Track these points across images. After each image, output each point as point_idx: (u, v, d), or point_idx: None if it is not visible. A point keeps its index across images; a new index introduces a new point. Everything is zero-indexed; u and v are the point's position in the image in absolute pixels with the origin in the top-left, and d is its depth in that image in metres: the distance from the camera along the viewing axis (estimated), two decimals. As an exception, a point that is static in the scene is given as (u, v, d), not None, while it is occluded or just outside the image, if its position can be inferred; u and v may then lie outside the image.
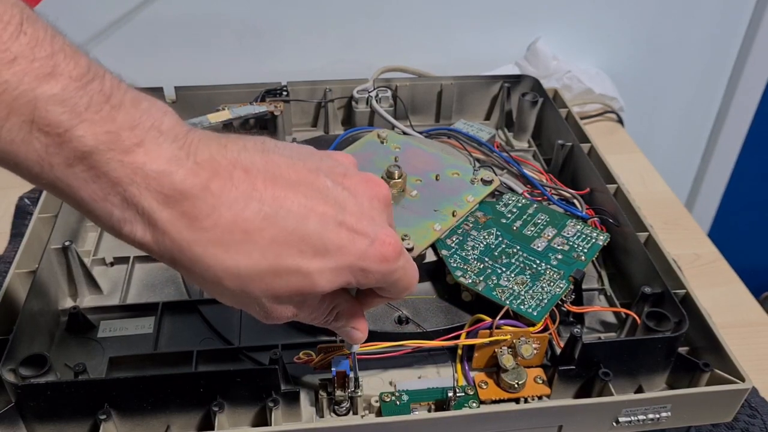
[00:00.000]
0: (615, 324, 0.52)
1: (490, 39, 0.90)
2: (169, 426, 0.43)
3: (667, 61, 0.98)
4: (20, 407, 0.41)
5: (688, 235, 0.71)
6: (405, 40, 0.88)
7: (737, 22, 0.97)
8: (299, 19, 0.85)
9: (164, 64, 0.85)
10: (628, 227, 0.54)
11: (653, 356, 0.46)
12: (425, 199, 0.56)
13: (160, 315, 0.51)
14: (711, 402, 0.44)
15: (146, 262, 0.56)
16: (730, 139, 1.08)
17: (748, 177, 1.14)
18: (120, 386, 0.41)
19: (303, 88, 0.72)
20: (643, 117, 1.01)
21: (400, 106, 0.73)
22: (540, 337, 0.46)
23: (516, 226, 0.55)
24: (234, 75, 0.86)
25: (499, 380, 0.45)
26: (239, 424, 0.44)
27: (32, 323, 0.46)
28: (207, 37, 0.85)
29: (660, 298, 0.49)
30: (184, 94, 0.70)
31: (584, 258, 0.52)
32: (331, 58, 0.89)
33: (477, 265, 0.51)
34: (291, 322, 0.34)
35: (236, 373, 0.42)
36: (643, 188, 0.77)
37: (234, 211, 0.29)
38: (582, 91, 0.87)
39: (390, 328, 0.49)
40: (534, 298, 0.48)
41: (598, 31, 0.93)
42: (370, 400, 0.45)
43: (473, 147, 0.68)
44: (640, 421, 0.44)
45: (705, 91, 1.03)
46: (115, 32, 0.82)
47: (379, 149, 0.62)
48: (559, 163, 0.66)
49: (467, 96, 0.76)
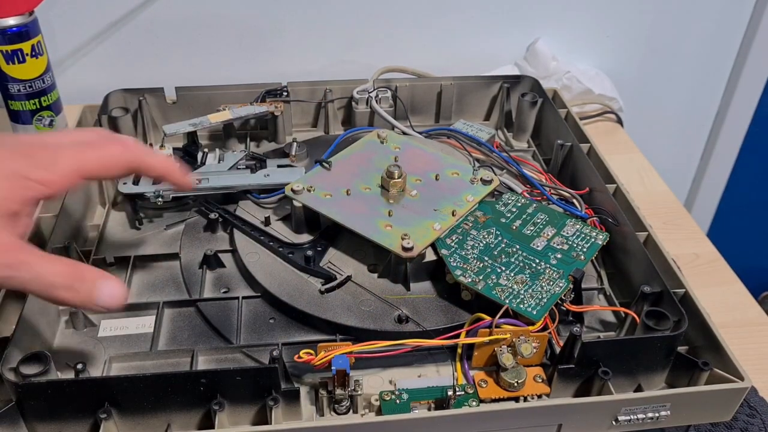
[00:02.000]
0: (614, 323, 0.52)
1: (490, 39, 0.90)
2: (170, 425, 0.43)
3: (667, 62, 0.98)
4: (21, 406, 0.42)
5: (687, 235, 0.71)
6: (405, 40, 0.89)
7: (736, 23, 0.97)
8: (299, 19, 0.85)
9: (164, 65, 0.85)
10: (627, 227, 0.54)
11: (652, 355, 0.46)
12: (425, 198, 0.56)
13: (160, 314, 0.51)
14: (710, 401, 0.44)
15: (146, 262, 0.56)
16: (730, 139, 1.08)
17: (748, 177, 1.14)
18: (120, 385, 0.41)
19: (303, 88, 0.72)
20: (643, 117, 1.01)
21: (400, 107, 0.73)
22: (539, 336, 0.46)
23: (515, 225, 0.55)
24: (234, 75, 0.86)
25: (498, 379, 0.45)
26: (239, 423, 0.44)
27: (33, 322, 0.47)
28: (207, 37, 0.85)
29: (659, 298, 0.49)
30: (185, 94, 0.71)
31: (583, 257, 0.52)
32: (332, 59, 0.89)
33: (477, 264, 0.51)
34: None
35: (236, 372, 0.42)
36: (642, 188, 0.77)
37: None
38: (581, 92, 0.87)
39: (390, 327, 0.49)
40: (533, 297, 0.48)
41: (598, 32, 0.93)
42: (370, 398, 0.45)
43: (473, 147, 0.68)
44: (640, 420, 0.44)
45: (704, 91, 1.03)
46: (115, 32, 0.82)
47: (379, 149, 0.62)
48: (558, 163, 0.66)
49: (467, 96, 0.76)
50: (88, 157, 0.40)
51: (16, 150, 0.38)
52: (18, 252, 0.36)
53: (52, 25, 0.79)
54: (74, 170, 0.39)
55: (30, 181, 0.37)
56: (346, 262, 0.54)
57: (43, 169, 0.38)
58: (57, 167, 0.38)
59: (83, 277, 0.38)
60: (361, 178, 0.58)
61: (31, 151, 0.38)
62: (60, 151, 0.39)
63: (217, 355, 0.48)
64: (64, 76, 0.83)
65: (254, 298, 0.52)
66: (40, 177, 0.38)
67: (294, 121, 0.74)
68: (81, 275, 0.38)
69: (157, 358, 0.48)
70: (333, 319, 0.49)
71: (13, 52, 0.68)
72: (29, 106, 0.71)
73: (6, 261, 0.36)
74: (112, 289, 0.39)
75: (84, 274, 0.38)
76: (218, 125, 0.66)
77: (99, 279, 0.39)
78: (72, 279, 0.38)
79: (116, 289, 0.39)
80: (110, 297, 0.39)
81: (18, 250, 0.36)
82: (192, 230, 0.58)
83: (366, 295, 0.51)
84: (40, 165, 0.38)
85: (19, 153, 0.38)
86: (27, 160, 0.38)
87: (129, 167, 0.42)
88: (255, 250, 0.55)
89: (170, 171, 0.45)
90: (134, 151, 0.42)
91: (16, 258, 0.36)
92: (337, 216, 0.54)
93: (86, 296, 0.38)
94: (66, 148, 0.40)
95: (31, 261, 0.37)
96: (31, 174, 0.37)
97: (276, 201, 0.60)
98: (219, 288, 0.53)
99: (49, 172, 0.38)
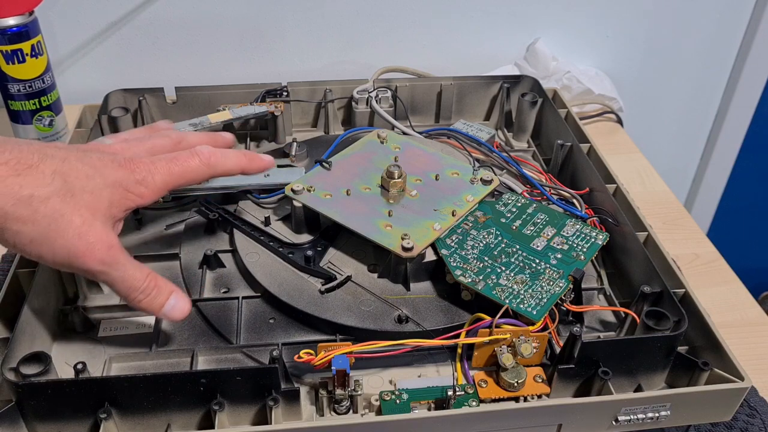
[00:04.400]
0: (614, 323, 0.52)
1: (490, 39, 0.90)
2: (170, 425, 0.43)
3: (667, 62, 0.98)
4: (21, 406, 0.42)
5: (687, 235, 0.71)
6: (405, 40, 0.89)
7: (736, 23, 0.97)
8: (299, 19, 0.85)
9: (164, 65, 0.85)
10: (627, 227, 0.54)
11: (652, 355, 0.46)
12: (425, 198, 0.56)
13: (160, 314, 0.51)
14: (710, 401, 0.44)
15: (147, 262, 0.56)
16: (730, 139, 1.08)
17: (747, 177, 1.14)
18: (120, 385, 0.41)
19: (303, 88, 0.72)
20: (643, 117, 1.01)
21: (400, 107, 0.73)
22: (539, 336, 0.46)
23: (515, 225, 0.55)
24: (234, 75, 0.86)
25: (498, 379, 0.46)
26: (239, 423, 0.44)
27: (33, 322, 0.47)
28: (207, 37, 0.85)
29: (659, 298, 0.49)
30: (185, 94, 0.71)
31: (583, 257, 0.52)
32: (332, 59, 0.89)
33: (477, 264, 0.51)
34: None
35: (236, 372, 0.42)
36: (642, 188, 0.77)
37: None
38: (581, 92, 0.87)
39: (390, 327, 0.49)
40: (533, 297, 0.48)
41: (598, 32, 0.93)
42: (370, 398, 0.45)
43: (473, 147, 0.68)
44: (640, 420, 0.44)
45: (704, 91, 1.03)
46: (115, 32, 0.82)
47: (379, 149, 0.62)
48: (558, 163, 0.66)
49: (467, 96, 0.76)
50: (174, 172, 0.45)
51: (117, 162, 0.44)
52: (117, 253, 0.42)
53: (52, 25, 0.79)
54: (164, 185, 0.45)
55: (130, 193, 0.43)
56: (346, 262, 0.54)
57: (141, 185, 0.44)
58: (151, 183, 0.44)
59: (159, 287, 0.44)
60: (361, 178, 0.58)
61: (131, 165, 0.44)
62: (153, 168, 0.45)
63: (217, 355, 0.48)
64: (64, 76, 0.83)
65: (254, 298, 0.52)
66: (138, 191, 0.44)
67: (294, 121, 0.74)
68: (158, 285, 0.44)
69: (157, 358, 0.48)
70: (333, 319, 0.49)
71: (13, 52, 0.68)
72: (29, 106, 0.71)
73: (107, 259, 0.41)
74: (178, 302, 0.45)
75: (160, 285, 0.45)
76: (218, 125, 0.66)
77: (172, 292, 0.45)
78: (151, 287, 0.44)
79: (182, 304, 0.45)
80: (176, 310, 0.45)
81: (118, 251, 0.42)
82: (192, 230, 0.58)
83: (366, 295, 0.51)
84: (138, 179, 0.44)
85: (121, 165, 0.44)
86: (128, 174, 0.43)
87: (208, 176, 0.48)
88: (255, 250, 0.55)
89: (246, 167, 0.50)
90: (210, 162, 0.47)
91: (115, 258, 0.42)
92: (337, 216, 0.54)
93: (158, 304, 0.44)
94: (158, 163, 0.45)
95: (125, 263, 0.42)
96: (131, 187, 0.43)
97: (276, 201, 0.60)
98: (219, 288, 0.53)
99: (144, 187, 0.44)
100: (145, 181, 0.44)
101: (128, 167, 0.44)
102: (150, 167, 0.45)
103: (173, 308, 0.45)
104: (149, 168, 0.44)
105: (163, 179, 0.45)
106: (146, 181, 0.44)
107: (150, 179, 0.44)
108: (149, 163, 0.45)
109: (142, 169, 0.44)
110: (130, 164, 0.44)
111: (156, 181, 0.44)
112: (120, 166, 0.43)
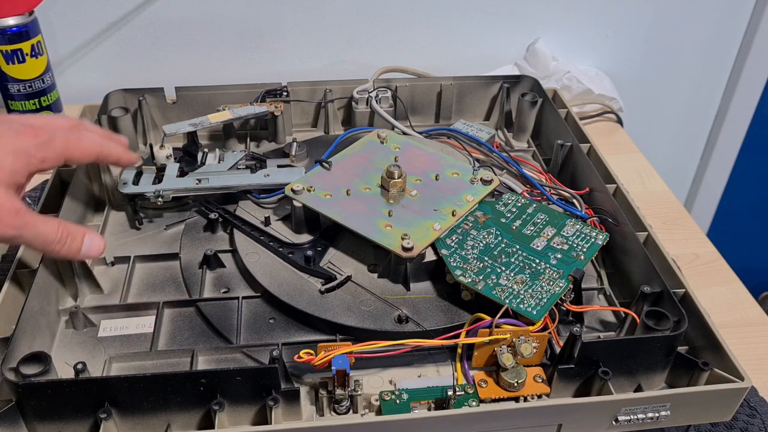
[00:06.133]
0: (614, 323, 0.52)
1: (490, 39, 0.90)
2: (170, 425, 0.43)
3: (667, 62, 0.98)
4: (21, 406, 0.42)
5: (687, 235, 0.71)
6: (405, 40, 0.89)
7: (736, 23, 0.97)
8: (299, 19, 0.85)
9: (164, 65, 0.85)
10: (627, 227, 0.54)
11: (652, 355, 0.46)
12: (425, 198, 0.56)
13: (160, 314, 0.51)
14: (710, 401, 0.44)
15: (147, 262, 0.56)
16: (729, 139, 1.08)
17: (747, 177, 1.14)
18: (120, 385, 0.41)
19: (303, 88, 0.72)
20: (643, 117, 1.01)
21: (400, 107, 0.73)
22: (539, 336, 0.46)
23: (515, 225, 0.55)
24: (234, 75, 0.86)
25: (498, 379, 0.46)
26: (239, 423, 0.44)
27: (33, 322, 0.47)
28: (207, 37, 0.85)
29: (659, 298, 0.49)
30: (185, 94, 0.71)
31: (583, 257, 0.52)
32: (332, 59, 0.89)
33: (477, 264, 0.51)
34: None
35: (236, 372, 0.42)
36: (642, 188, 0.77)
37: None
38: (581, 92, 0.87)
39: (390, 327, 0.49)
40: (533, 297, 0.48)
41: (598, 32, 0.93)
42: (370, 398, 0.45)
43: (473, 147, 0.68)
44: (640, 420, 0.44)
45: (704, 92, 1.03)
46: (115, 32, 0.82)
47: (379, 149, 0.62)
48: (558, 163, 0.66)
49: (467, 96, 0.76)
50: (74, 142, 0.48)
51: (20, 130, 0.45)
52: (24, 215, 0.44)
53: (52, 25, 0.79)
54: (64, 152, 0.47)
55: (33, 158, 0.45)
56: (346, 262, 0.54)
57: (43, 149, 0.46)
58: (53, 149, 0.46)
59: (72, 234, 0.47)
60: (361, 178, 0.58)
61: (33, 131, 0.46)
62: (55, 134, 0.47)
63: (217, 355, 0.48)
64: (64, 76, 0.83)
65: (254, 298, 0.52)
66: (41, 155, 0.45)
67: (294, 121, 0.74)
68: (70, 232, 0.46)
69: (157, 358, 0.48)
70: (333, 319, 0.49)
71: (13, 52, 0.68)
72: (29, 106, 0.71)
73: (17, 223, 0.43)
74: (93, 241, 0.48)
75: (72, 231, 0.47)
76: (218, 125, 0.66)
77: (85, 234, 0.47)
78: (63, 235, 0.46)
79: (98, 241, 0.48)
80: (93, 249, 0.48)
81: (24, 213, 0.44)
82: (192, 230, 0.58)
83: (366, 295, 0.51)
84: (41, 145, 0.45)
85: (24, 133, 0.45)
86: (31, 140, 0.45)
87: (97, 157, 0.50)
88: (255, 250, 0.55)
89: (100, 154, 0.51)
90: (101, 142, 0.50)
91: (23, 220, 0.43)
92: (337, 216, 0.54)
93: (75, 249, 0.47)
94: (58, 131, 0.47)
95: (34, 222, 0.44)
96: (34, 152, 0.45)
97: (276, 201, 0.60)
98: (219, 288, 0.53)
99: (47, 152, 0.46)
100: (47, 147, 0.46)
101: (31, 133, 0.45)
102: (52, 134, 0.46)
103: (90, 248, 0.48)
104: (51, 135, 0.46)
105: (63, 146, 0.47)
106: (48, 148, 0.46)
107: (52, 146, 0.46)
108: (51, 131, 0.47)
109: (44, 136, 0.46)
110: (33, 130, 0.46)
111: (57, 148, 0.46)
112: (19, 134, 0.45)
